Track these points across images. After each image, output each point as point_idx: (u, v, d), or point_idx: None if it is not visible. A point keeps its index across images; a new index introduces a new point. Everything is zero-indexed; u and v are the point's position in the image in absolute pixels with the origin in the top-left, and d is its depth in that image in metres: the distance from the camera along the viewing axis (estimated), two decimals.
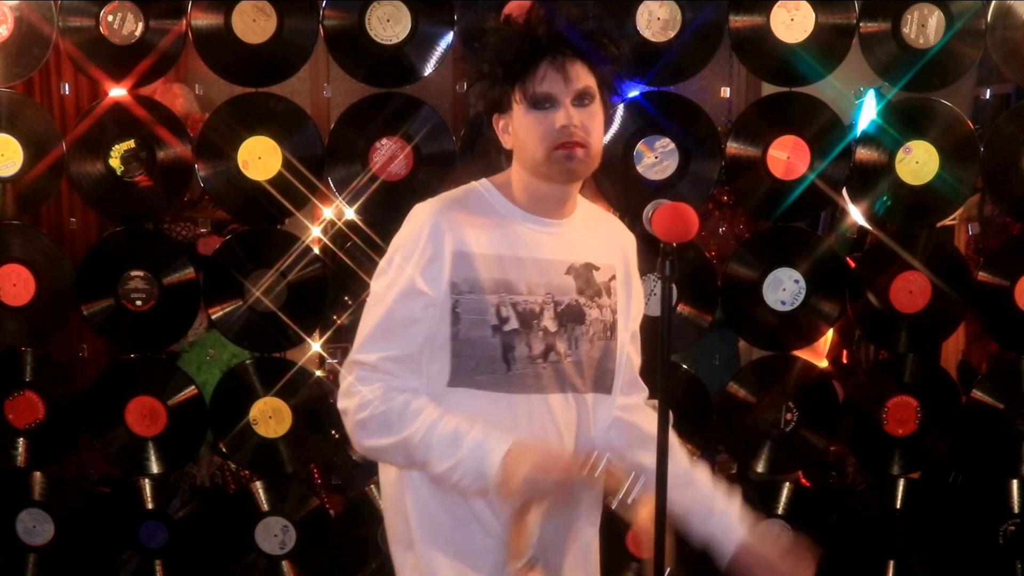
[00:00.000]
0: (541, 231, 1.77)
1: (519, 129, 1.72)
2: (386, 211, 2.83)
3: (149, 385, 2.95)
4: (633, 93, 2.86)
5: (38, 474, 3.03)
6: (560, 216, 1.79)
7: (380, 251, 2.79)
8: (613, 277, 1.83)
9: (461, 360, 1.72)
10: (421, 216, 1.74)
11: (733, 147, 2.83)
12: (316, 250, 2.88)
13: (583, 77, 1.69)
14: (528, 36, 1.68)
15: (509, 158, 1.79)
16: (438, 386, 1.73)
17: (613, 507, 1.76)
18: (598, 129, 1.73)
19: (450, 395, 1.73)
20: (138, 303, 2.88)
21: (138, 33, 2.77)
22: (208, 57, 2.81)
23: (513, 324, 1.72)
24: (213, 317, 2.89)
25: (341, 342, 3.79)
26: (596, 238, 1.84)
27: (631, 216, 2.79)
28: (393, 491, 1.81)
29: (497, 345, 1.71)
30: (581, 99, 1.69)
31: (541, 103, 1.68)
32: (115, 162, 2.82)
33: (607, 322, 1.81)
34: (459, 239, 1.71)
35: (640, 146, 2.80)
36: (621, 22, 2.75)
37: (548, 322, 1.75)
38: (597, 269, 1.81)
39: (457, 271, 1.70)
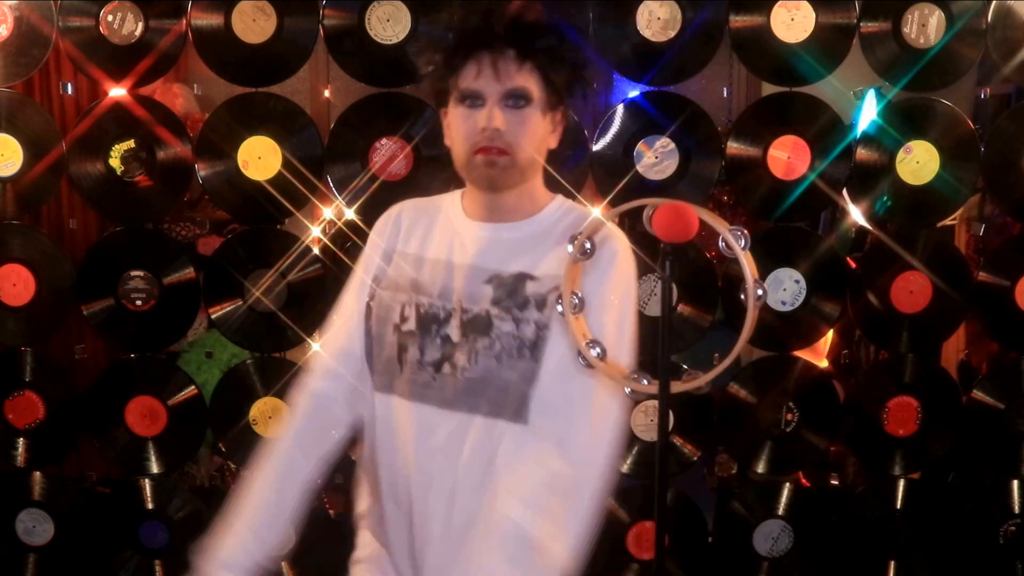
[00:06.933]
0: (479, 236, 1.64)
1: (450, 126, 1.63)
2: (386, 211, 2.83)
3: (149, 385, 2.95)
4: (633, 93, 2.86)
5: (38, 474, 3.03)
6: (510, 219, 1.64)
7: None
8: (556, 288, 1.55)
9: (373, 359, 1.67)
10: (387, 212, 1.77)
11: (733, 147, 2.83)
12: (316, 250, 2.88)
13: (517, 76, 1.55)
14: (467, 27, 1.57)
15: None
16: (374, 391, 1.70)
17: None
18: (530, 136, 1.57)
19: (376, 399, 1.68)
20: (138, 303, 2.88)
21: (138, 33, 2.77)
22: (208, 57, 2.80)
23: (411, 325, 1.62)
24: (213, 317, 2.89)
25: None
26: (550, 246, 1.61)
27: (631, 216, 2.80)
28: None
29: (394, 344, 1.63)
30: (515, 100, 1.55)
31: (468, 99, 1.56)
32: (115, 162, 2.82)
33: (526, 339, 1.57)
34: (405, 238, 1.71)
35: (640, 146, 2.79)
36: (621, 22, 2.76)
37: (452, 330, 1.60)
38: (534, 279, 1.59)
39: (384, 267, 1.69)
